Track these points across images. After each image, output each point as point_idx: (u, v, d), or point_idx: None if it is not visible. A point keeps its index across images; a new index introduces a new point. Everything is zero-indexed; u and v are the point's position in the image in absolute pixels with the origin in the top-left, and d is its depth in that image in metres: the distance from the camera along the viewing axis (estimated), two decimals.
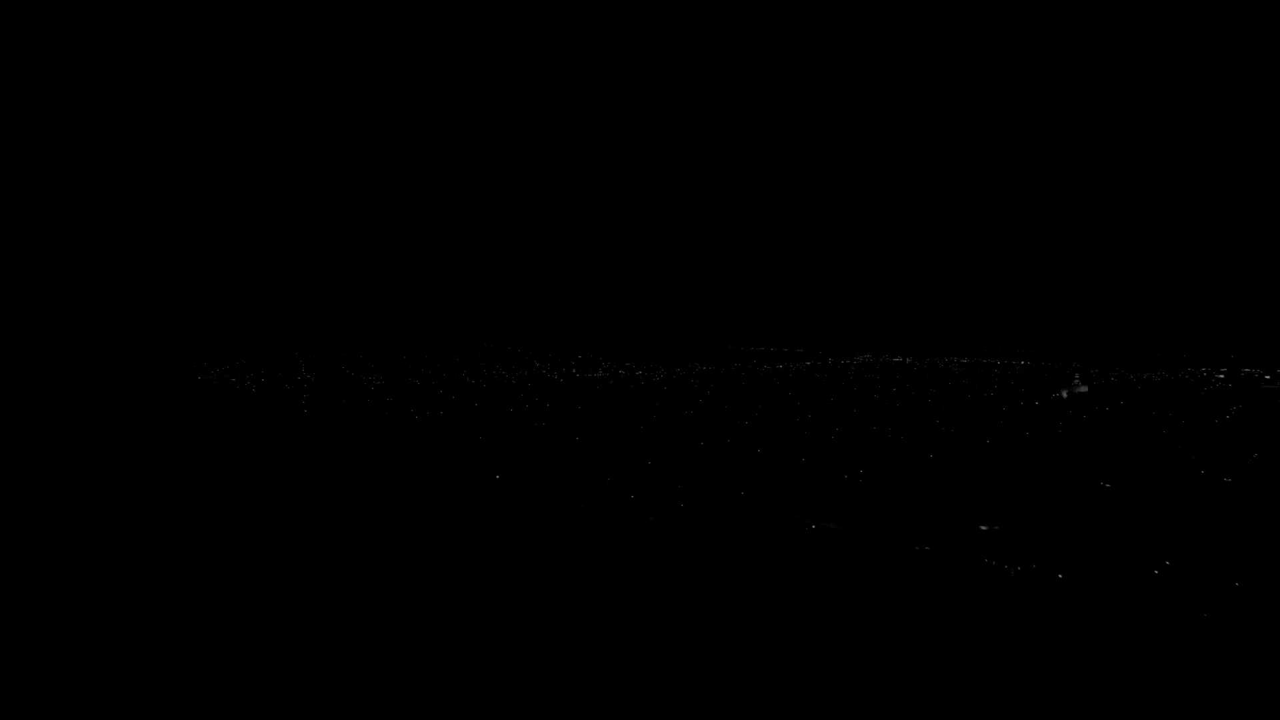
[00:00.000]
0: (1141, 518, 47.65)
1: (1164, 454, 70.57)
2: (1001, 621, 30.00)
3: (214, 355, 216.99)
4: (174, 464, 61.82)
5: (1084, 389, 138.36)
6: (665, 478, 64.50)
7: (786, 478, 65.06)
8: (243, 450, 68.90)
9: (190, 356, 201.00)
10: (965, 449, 77.30)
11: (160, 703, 20.16)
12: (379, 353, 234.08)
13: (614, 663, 24.57)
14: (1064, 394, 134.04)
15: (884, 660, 25.72)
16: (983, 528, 46.67)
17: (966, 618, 30.19)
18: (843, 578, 36.05)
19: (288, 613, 28.76)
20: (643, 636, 26.59)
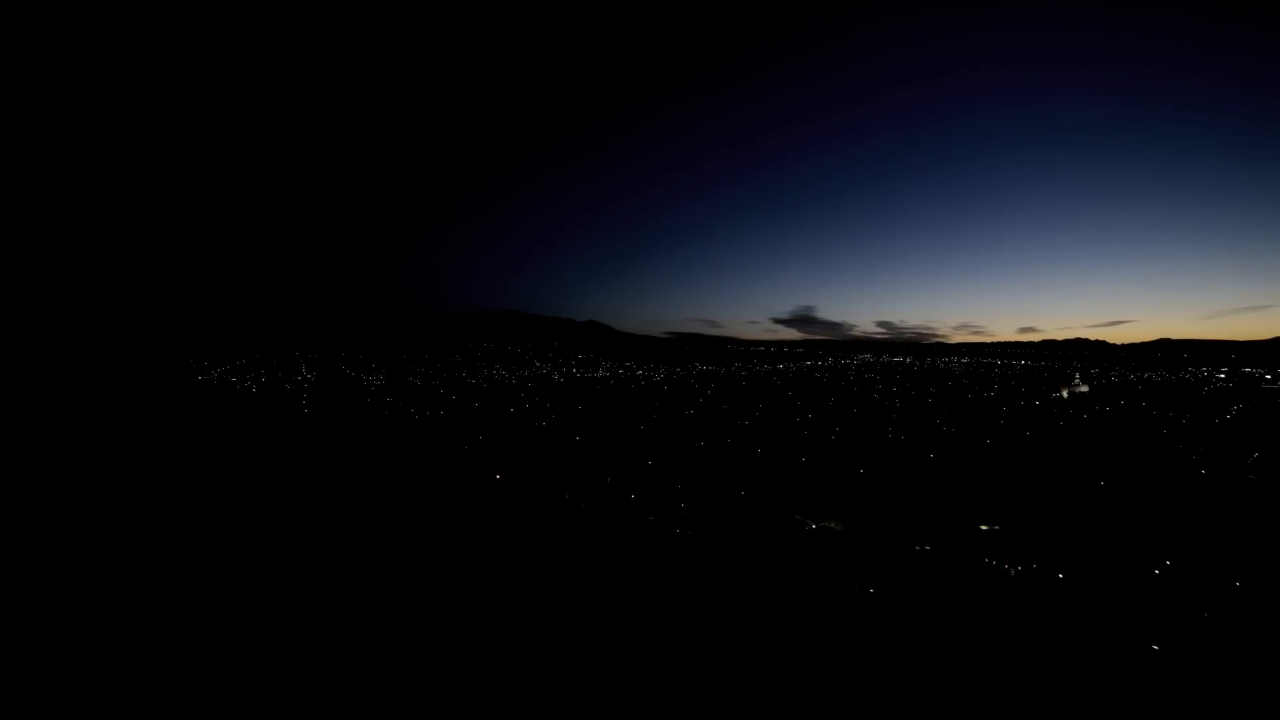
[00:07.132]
0: (1141, 518, 46.62)
1: (1164, 454, 68.80)
2: (1001, 620, 29.37)
3: (214, 355, 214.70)
4: (174, 462, 61.06)
5: (1084, 389, 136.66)
6: (665, 478, 62.93)
7: (786, 478, 63.32)
8: (242, 450, 67.94)
9: (190, 356, 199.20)
10: (965, 449, 75.30)
11: (161, 693, 19.81)
12: (379, 353, 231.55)
13: (615, 658, 24.16)
14: (1064, 394, 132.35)
15: (885, 658, 25.20)
16: (983, 528, 45.64)
17: (966, 616, 29.57)
18: (843, 577, 35.23)
19: (289, 607, 28.32)
20: (644, 635, 26.16)
